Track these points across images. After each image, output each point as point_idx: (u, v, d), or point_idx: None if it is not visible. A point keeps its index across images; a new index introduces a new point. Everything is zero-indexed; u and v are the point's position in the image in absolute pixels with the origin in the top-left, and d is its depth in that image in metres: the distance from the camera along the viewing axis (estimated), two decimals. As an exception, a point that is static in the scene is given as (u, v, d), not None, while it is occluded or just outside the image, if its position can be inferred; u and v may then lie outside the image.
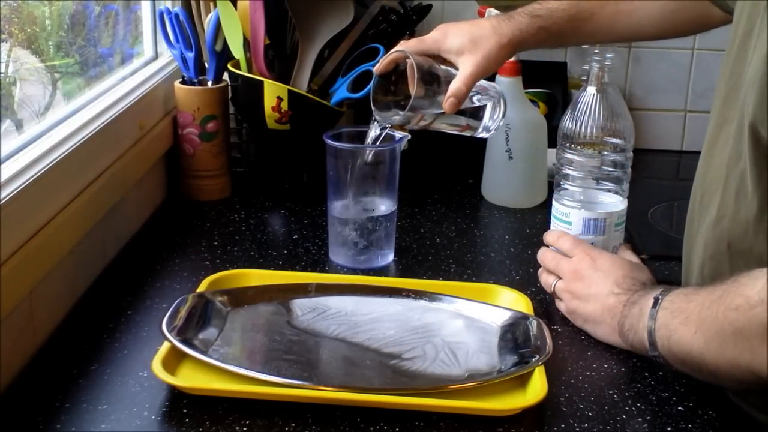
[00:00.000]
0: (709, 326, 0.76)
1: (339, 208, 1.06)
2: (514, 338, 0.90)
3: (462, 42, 0.99)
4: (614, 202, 1.02)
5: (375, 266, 1.09)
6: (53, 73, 1.12)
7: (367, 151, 1.03)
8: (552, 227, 1.05)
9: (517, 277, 1.08)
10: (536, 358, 0.84)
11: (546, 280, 1.00)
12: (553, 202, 1.04)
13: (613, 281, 0.92)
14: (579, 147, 1.01)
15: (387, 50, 1.26)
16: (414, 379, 0.83)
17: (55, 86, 1.12)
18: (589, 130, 1.00)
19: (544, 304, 1.01)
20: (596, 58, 1.00)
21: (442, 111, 0.96)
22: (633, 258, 1.00)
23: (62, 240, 0.93)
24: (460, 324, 0.93)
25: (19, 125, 0.99)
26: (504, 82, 1.26)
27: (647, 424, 0.80)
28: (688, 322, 0.79)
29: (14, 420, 0.78)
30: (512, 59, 1.26)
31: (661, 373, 0.88)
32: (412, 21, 1.38)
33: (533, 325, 0.90)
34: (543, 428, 0.79)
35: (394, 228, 1.10)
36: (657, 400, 0.83)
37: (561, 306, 0.98)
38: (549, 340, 0.87)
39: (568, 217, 1.02)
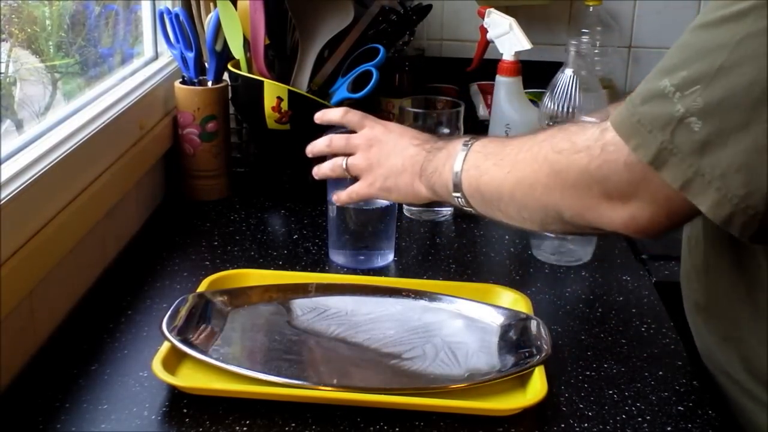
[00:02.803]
0: (524, 167, 0.80)
1: (338, 208, 1.06)
2: (514, 338, 0.90)
3: None
4: None
5: (375, 266, 1.09)
6: (53, 73, 1.11)
7: None
8: None
9: (517, 277, 1.08)
10: (536, 358, 0.84)
11: (334, 162, 0.99)
12: None
13: (410, 136, 0.95)
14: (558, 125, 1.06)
15: (387, 50, 1.27)
16: (414, 379, 0.83)
17: (55, 86, 1.12)
18: (566, 109, 1.07)
19: (544, 304, 1.01)
20: (573, 42, 1.08)
21: None
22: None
23: (62, 240, 0.93)
24: (460, 324, 0.93)
25: (19, 125, 0.99)
26: (504, 82, 1.26)
27: (647, 424, 0.80)
28: (502, 164, 0.82)
29: (14, 420, 0.78)
30: (512, 59, 1.26)
31: (660, 373, 0.88)
32: (412, 21, 1.38)
33: (533, 325, 0.90)
34: (543, 428, 0.79)
35: (393, 228, 1.10)
36: (657, 400, 0.83)
37: (359, 186, 0.97)
38: (549, 340, 0.87)
39: None
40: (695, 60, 0.68)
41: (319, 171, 1.03)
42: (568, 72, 1.08)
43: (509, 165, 0.82)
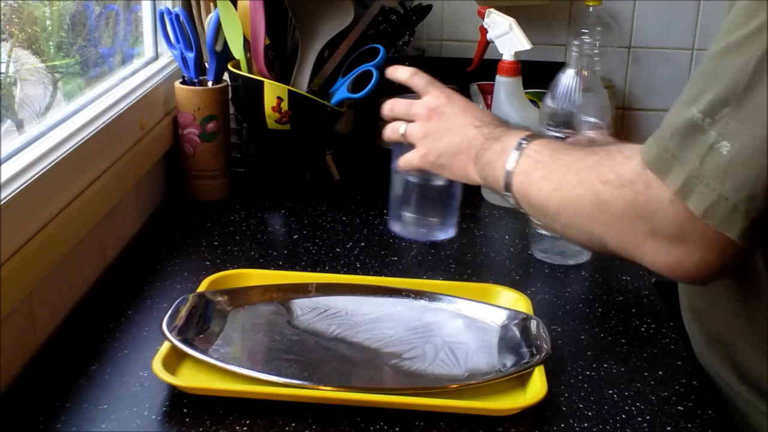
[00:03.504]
0: (571, 189, 0.78)
1: (397, 177, 1.07)
2: (513, 338, 0.90)
3: None
4: None
5: (435, 239, 1.11)
6: (54, 74, 1.12)
7: None
8: None
9: (517, 277, 1.08)
10: (536, 358, 0.84)
11: (393, 126, 0.98)
12: None
13: (472, 115, 0.92)
14: (559, 125, 1.07)
15: (387, 50, 1.27)
16: (414, 379, 0.83)
17: (55, 86, 1.12)
18: (567, 109, 1.07)
19: (544, 304, 1.01)
20: (575, 43, 1.08)
21: None
22: None
23: (62, 240, 0.93)
24: (460, 324, 0.93)
25: (19, 125, 0.99)
26: (504, 82, 1.26)
27: (647, 424, 0.80)
28: (551, 179, 0.80)
29: (14, 420, 0.78)
30: (512, 59, 1.26)
31: (660, 373, 0.88)
32: (412, 21, 1.38)
33: (533, 325, 0.90)
34: (543, 428, 0.79)
35: (455, 202, 1.11)
36: (657, 400, 0.83)
37: (412, 155, 0.95)
38: (549, 340, 0.87)
39: None
40: (720, 82, 0.66)
41: (384, 134, 1.01)
42: (570, 72, 1.08)
43: (556, 182, 0.80)
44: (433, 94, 0.96)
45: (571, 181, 0.78)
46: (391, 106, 1.00)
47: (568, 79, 1.08)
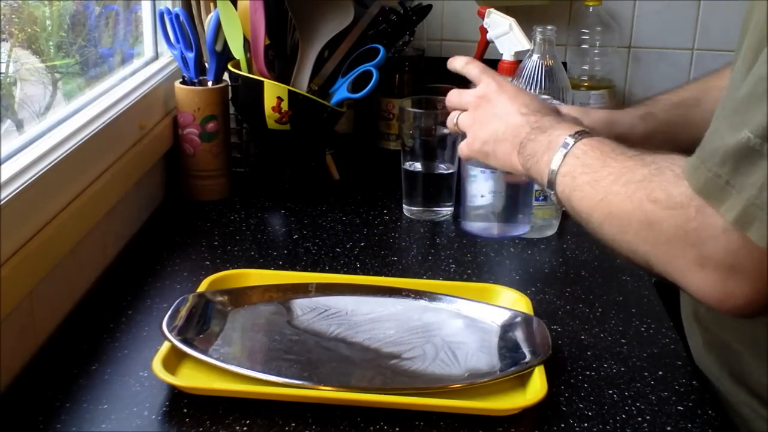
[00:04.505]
0: (618, 202, 0.74)
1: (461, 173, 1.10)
2: (514, 338, 0.90)
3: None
4: None
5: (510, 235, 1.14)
6: (54, 74, 1.12)
7: None
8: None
9: (517, 277, 1.08)
10: (536, 358, 0.84)
11: (450, 116, 0.97)
12: None
13: (520, 102, 0.89)
14: None
15: (387, 50, 1.27)
16: (414, 379, 0.83)
17: (55, 86, 1.12)
18: (533, 92, 1.13)
19: (544, 304, 1.01)
20: (539, 29, 1.16)
21: None
22: None
23: (62, 240, 0.93)
24: (460, 324, 0.93)
25: (19, 125, 0.99)
26: (504, 82, 1.26)
27: (647, 424, 0.80)
28: (597, 187, 0.76)
29: (14, 420, 0.78)
30: (512, 59, 1.26)
31: (660, 373, 0.88)
32: (412, 21, 1.38)
33: (533, 325, 0.90)
34: (543, 428, 0.79)
35: (528, 199, 1.13)
36: (657, 400, 0.83)
37: (462, 144, 0.94)
38: (549, 340, 0.87)
39: None
40: None
41: (447, 124, 0.99)
42: (534, 58, 1.16)
43: (603, 191, 0.75)
44: (484, 81, 0.94)
45: (619, 194, 0.74)
46: (449, 97, 0.99)
47: (532, 65, 1.16)
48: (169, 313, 0.88)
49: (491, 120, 0.90)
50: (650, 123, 1.03)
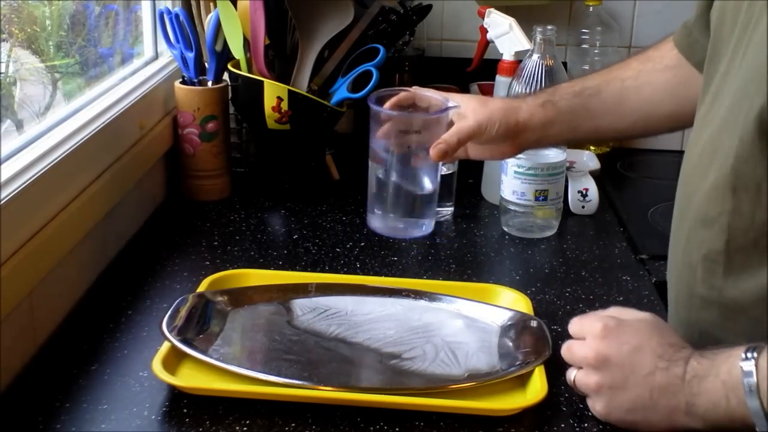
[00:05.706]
0: None
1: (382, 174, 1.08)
2: (514, 338, 0.90)
3: (469, 101, 1.04)
4: (554, 155, 1.18)
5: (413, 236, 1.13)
6: (53, 73, 1.12)
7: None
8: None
9: (517, 277, 1.08)
10: (536, 358, 0.84)
11: (568, 374, 0.81)
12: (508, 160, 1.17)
13: (651, 351, 0.75)
14: None
15: (387, 50, 1.27)
16: (414, 379, 0.83)
17: (55, 86, 1.12)
18: (533, 91, 1.13)
19: (544, 304, 1.01)
20: (539, 29, 1.16)
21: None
22: (628, 314, 0.82)
23: (62, 240, 0.93)
24: (460, 324, 0.93)
25: (19, 125, 0.99)
26: (503, 82, 1.26)
27: (647, 424, 0.79)
28: None
29: (14, 420, 0.78)
30: (512, 59, 1.26)
31: (661, 373, 0.87)
32: (412, 21, 1.38)
33: (533, 325, 0.90)
34: (543, 428, 0.79)
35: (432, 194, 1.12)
36: (657, 400, 0.83)
37: (594, 406, 0.78)
38: (549, 340, 0.87)
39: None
40: None
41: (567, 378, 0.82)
42: (535, 58, 1.17)
43: None
44: (597, 333, 0.78)
45: None
46: (563, 350, 0.82)
47: (532, 64, 1.16)
48: (168, 313, 0.88)
49: (625, 385, 0.75)
50: (550, 111, 1.03)
